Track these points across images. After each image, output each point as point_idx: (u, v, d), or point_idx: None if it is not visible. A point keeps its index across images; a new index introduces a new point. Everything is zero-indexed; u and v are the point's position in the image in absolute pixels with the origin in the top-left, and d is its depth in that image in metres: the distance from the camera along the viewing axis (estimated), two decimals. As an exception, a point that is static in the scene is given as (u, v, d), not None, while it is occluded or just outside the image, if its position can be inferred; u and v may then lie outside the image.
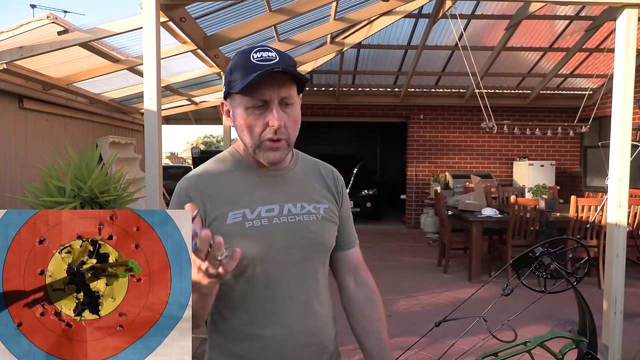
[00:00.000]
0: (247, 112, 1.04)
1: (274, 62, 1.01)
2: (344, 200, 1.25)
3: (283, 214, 1.10)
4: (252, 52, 1.03)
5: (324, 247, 1.16)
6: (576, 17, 6.37)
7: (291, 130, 1.07)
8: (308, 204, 1.14)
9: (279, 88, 1.03)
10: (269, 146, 1.05)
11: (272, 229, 1.07)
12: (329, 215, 1.17)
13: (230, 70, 1.05)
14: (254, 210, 1.07)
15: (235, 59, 1.05)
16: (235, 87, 1.03)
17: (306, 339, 1.11)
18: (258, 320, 1.07)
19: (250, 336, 1.07)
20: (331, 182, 1.23)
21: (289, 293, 1.09)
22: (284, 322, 1.08)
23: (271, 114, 1.03)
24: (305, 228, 1.11)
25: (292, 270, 1.09)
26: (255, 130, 1.05)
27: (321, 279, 1.16)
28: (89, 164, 2.75)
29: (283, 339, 1.07)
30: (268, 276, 1.07)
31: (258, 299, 1.07)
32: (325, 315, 1.16)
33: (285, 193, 1.12)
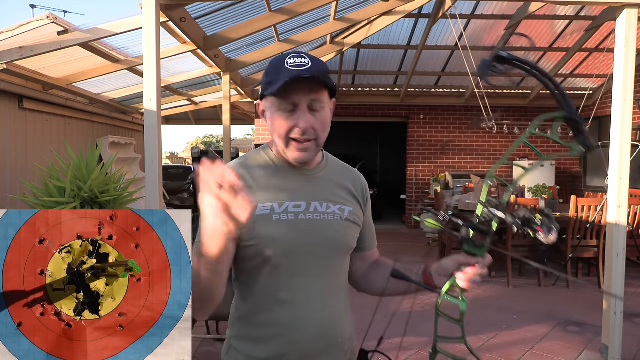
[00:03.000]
0: (279, 114, 1.11)
1: (305, 67, 1.07)
2: (369, 206, 1.32)
3: (309, 210, 1.15)
4: (287, 58, 1.09)
5: (346, 247, 1.21)
6: (576, 17, 6.37)
7: (320, 132, 1.12)
8: (334, 204, 1.20)
9: (308, 92, 1.09)
10: (296, 146, 1.12)
11: (298, 223, 1.13)
12: (353, 218, 1.22)
13: (267, 73, 1.12)
14: (282, 204, 1.13)
15: (271, 64, 1.12)
16: (268, 90, 1.10)
17: (320, 330, 1.15)
18: (276, 307, 1.12)
19: (267, 322, 1.13)
20: (358, 188, 1.29)
21: (308, 284, 1.14)
22: (300, 311, 1.13)
23: (299, 117, 1.09)
24: (330, 226, 1.16)
25: (313, 264, 1.14)
26: (284, 131, 1.11)
27: (340, 276, 1.22)
28: (89, 164, 2.75)
29: (298, 327, 1.12)
30: (290, 266, 1.12)
31: (278, 286, 1.12)
32: (340, 311, 1.21)
33: (312, 192, 1.18)
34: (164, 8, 3.34)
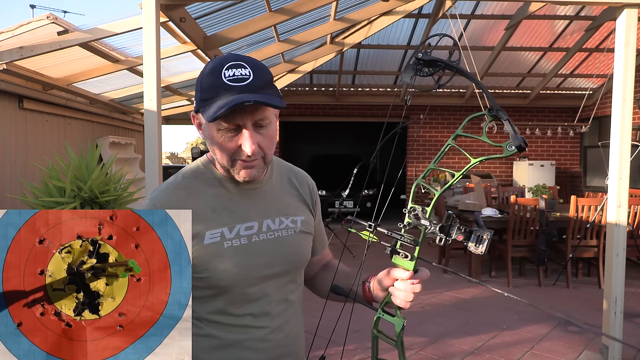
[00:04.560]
0: (220, 133, 1.00)
1: (247, 82, 0.95)
2: (318, 209, 1.25)
3: (262, 230, 1.08)
4: (224, 69, 0.96)
5: (303, 261, 1.17)
6: (576, 17, 6.37)
7: (267, 150, 1.03)
8: (286, 217, 1.13)
9: (252, 112, 0.98)
10: (243, 165, 1.02)
11: (252, 247, 1.06)
12: (306, 228, 1.17)
13: (201, 86, 0.99)
14: (233, 228, 1.05)
15: (206, 74, 0.99)
16: (205, 112, 0.97)
17: (284, 348, 1.12)
18: (238, 332, 1.07)
19: (229, 346, 1.07)
20: (306, 191, 1.22)
21: (268, 307, 1.09)
22: (263, 334, 1.08)
23: (244, 139, 0.99)
24: (285, 243, 1.11)
25: (271, 285, 1.09)
26: (228, 152, 1.01)
27: (299, 291, 1.18)
28: (89, 164, 2.75)
29: (262, 350, 1.08)
30: (248, 294, 1.06)
31: (238, 313, 1.06)
32: (300, 325, 1.18)
33: (263, 208, 1.10)
34: (164, 8, 3.34)
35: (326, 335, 1.18)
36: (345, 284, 1.15)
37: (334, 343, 1.18)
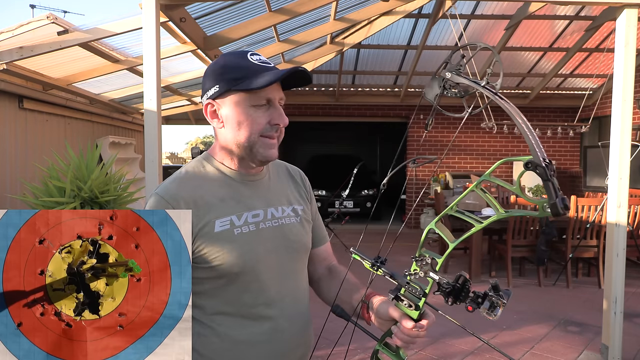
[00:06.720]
0: (251, 110, 1.06)
1: (272, 65, 1.07)
2: (312, 199, 1.30)
3: (267, 218, 1.12)
4: (248, 55, 1.07)
5: (306, 248, 1.20)
6: (576, 17, 6.37)
7: (283, 131, 1.12)
8: (287, 206, 1.18)
9: (279, 89, 1.09)
10: (268, 143, 1.08)
11: (260, 233, 1.09)
12: (306, 216, 1.22)
13: (223, 70, 1.06)
14: (241, 216, 1.08)
15: (229, 60, 1.07)
16: (243, 84, 1.03)
17: (299, 338, 1.14)
18: (251, 324, 1.07)
19: (244, 340, 1.07)
20: (300, 182, 1.27)
21: (280, 295, 1.11)
22: (278, 323, 1.09)
23: (276, 112, 1.08)
24: (289, 230, 1.15)
25: (280, 272, 1.11)
26: (257, 127, 1.06)
27: (305, 280, 1.22)
28: (89, 164, 2.75)
29: (278, 340, 1.09)
30: (259, 279, 1.08)
31: (251, 302, 1.07)
32: (308, 314, 1.21)
33: (266, 197, 1.15)
34: (164, 8, 3.34)
35: (326, 335, 1.18)
36: (348, 298, 1.16)
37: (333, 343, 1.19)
